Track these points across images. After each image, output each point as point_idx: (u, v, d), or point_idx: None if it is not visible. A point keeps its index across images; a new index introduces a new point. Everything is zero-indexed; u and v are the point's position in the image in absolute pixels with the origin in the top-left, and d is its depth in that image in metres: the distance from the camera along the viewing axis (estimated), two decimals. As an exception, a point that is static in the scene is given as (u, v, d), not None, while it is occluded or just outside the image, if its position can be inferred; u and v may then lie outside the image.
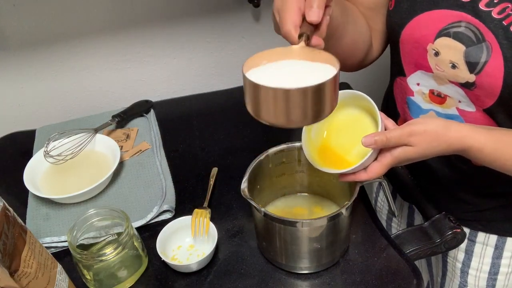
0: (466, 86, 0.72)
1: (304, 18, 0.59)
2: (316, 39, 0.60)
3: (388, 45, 0.88)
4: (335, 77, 0.52)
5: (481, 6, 0.68)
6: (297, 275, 0.79)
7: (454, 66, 0.71)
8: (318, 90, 0.51)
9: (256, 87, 0.51)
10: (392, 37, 0.81)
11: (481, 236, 0.89)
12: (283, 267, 0.79)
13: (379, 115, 0.68)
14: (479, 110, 0.74)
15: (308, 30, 0.58)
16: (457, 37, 0.70)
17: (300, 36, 0.57)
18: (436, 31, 0.72)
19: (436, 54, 0.73)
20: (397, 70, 0.83)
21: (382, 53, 0.90)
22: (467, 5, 0.69)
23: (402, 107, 0.86)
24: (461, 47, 0.70)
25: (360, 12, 0.85)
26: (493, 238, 0.88)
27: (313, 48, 0.58)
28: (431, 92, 0.78)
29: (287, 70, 0.55)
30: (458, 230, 0.79)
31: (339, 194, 0.83)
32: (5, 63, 1.13)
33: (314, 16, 0.58)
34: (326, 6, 0.61)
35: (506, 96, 0.69)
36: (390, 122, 0.70)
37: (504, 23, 0.66)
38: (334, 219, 0.72)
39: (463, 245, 0.91)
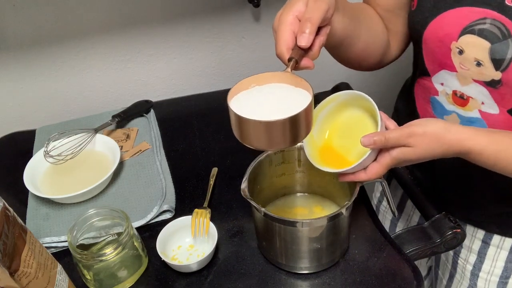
0: (491, 85, 0.71)
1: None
2: (306, 61, 0.64)
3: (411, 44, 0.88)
4: (308, 107, 0.58)
5: (508, 2, 0.67)
6: (297, 275, 0.79)
7: (479, 64, 0.70)
8: (293, 120, 0.57)
9: (238, 117, 0.58)
10: (414, 37, 0.80)
11: (496, 239, 0.88)
12: (283, 267, 0.79)
13: (379, 115, 0.68)
14: (503, 112, 0.73)
15: (298, 53, 0.62)
16: (482, 34, 0.69)
17: (289, 59, 0.62)
18: (460, 29, 0.71)
19: (460, 52, 0.72)
20: (420, 71, 0.82)
21: (402, 53, 0.89)
22: (492, 2, 0.68)
23: (424, 108, 0.85)
24: (486, 44, 0.69)
25: (378, 13, 0.84)
26: (508, 241, 0.87)
27: (296, 76, 0.62)
28: (454, 93, 0.77)
29: (268, 96, 0.62)
30: (458, 230, 0.79)
31: (339, 194, 0.83)
32: (5, 63, 1.13)
33: (303, 41, 0.61)
34: (324, 26, 0.64)
35: None
36: (391, 123, 0.70)
37: None
38: (334, 219, 0.72)
39: (476, 247, 0.91)
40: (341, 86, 1.09)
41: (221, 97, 1.20)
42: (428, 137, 0.65)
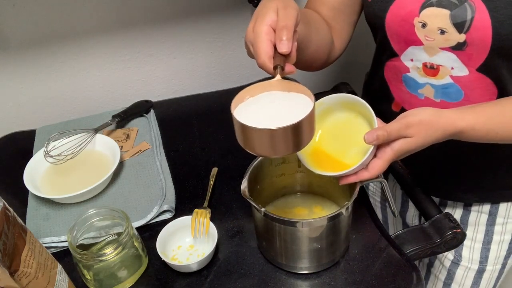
0: (458, 48, 0.75)
1: (276, 48, 0.64)
2: (289, 67, 0.66)
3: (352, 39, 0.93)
4: (311, 112, 0.59)
5: None
6: (297, 275, 0.79)
7: (443, 32, 0.74)
8: (297, 127, 0.58)
9: (243, 126, 0.59)
10: (375, 25, 0.83)
11: (475, 206, 0.93)
12: (283, 267, 0.79)
13: (373, 112, 0.69)
14: (472, 71, 0.76)
15: (281, 60, 0.64)
16: (441, 4, 0.73)
17: (275, 68, 0.64)
18: (419, 5, 0.75)
19: (424, 25, 0.75)
20: (388, 54, 0.85)
21: (344, 51, 0.94)
22: None
23: (397, 88, 0.88)
24: (446, 12, 0.73)
25: (322, 15, 0.89)
26: (487, 205, 0.92)
27: (289, 81, 0.64)
28: (424, 65, 0.80)
29: (269, 105, 0.63)
30: (458, 230, 0.80)
31: (339, 194, 0.83)
32: (5, 63, 1.13)
33: (284, 48, 0.63)
34: (294, 32, 0.66)
35: (497, 45, 0.71)
36: (378, 120, 0.71)
37: None
38: (334, 219, 0.72)
39: (457, 216, 0.95)
40: (341, 86, 1.09)
41: (221, 97, 1.21)
42: (424, 125, 0.68)
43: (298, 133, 0.59)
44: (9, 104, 1.20)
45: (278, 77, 0.63)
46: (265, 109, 0.63)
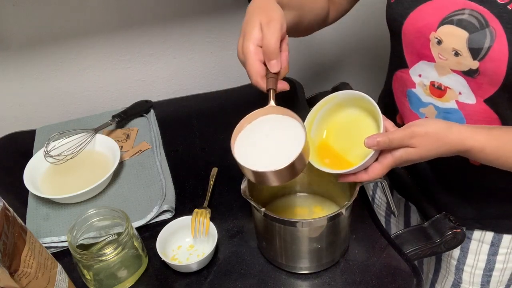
0: (469, 74, 0.72)
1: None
2: (282, 85, 0.69)
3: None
4: (305, 145, 0.64)
5: None
6: (297, 275, 0.79)
7: (457, 54, 0.71)
8: (291, 166, 0.63)
9: (243, 168, 0.66)
10: (393, 28, 0.81)
11: (477, 233, 0.90)
12: (283, 267, 0.79)
13: (381, 116, 0.68)
14: (480, 101, 0.74)
15: (273, 80, 0.67)
16: (461, 24, 0.70)
17: (268, 90, 0.67)
18: (439, 19, 0.72)
19: (439, 42, 0.73)
20: (398, 63, 0.83)
21: (335, 21, 0.93)
22: None
23: (401, 101, 0.86)
24: (464, 34, 0.70)
25: None
26: (489, 235, 0.89)
27: (280, 107, 0.68)
28: (432, 84, 0.78)
29: (265, 138, 0.68)
30: (458, 230, 0.80)
31: (339, 194, 0.83)
32: (5, 63, 1.13)
33: (275, 68, 0.67)
34: (283, 39, 0.67)
35: (510, 81, 0.68)
36: (389, 123, 0.70)
37: (509, 7, 0.66)
38: (334, 219, 0.72)
39: None
40: (341, 86, 1.09)
41: (221, 97, 1.21)
42: (430, 137, 0.66)
43: (298, 164, 0.64)
44: (9, 104, 1.20)
45: (271, 102, 0.67)
46: (264, 145, 0.68)
